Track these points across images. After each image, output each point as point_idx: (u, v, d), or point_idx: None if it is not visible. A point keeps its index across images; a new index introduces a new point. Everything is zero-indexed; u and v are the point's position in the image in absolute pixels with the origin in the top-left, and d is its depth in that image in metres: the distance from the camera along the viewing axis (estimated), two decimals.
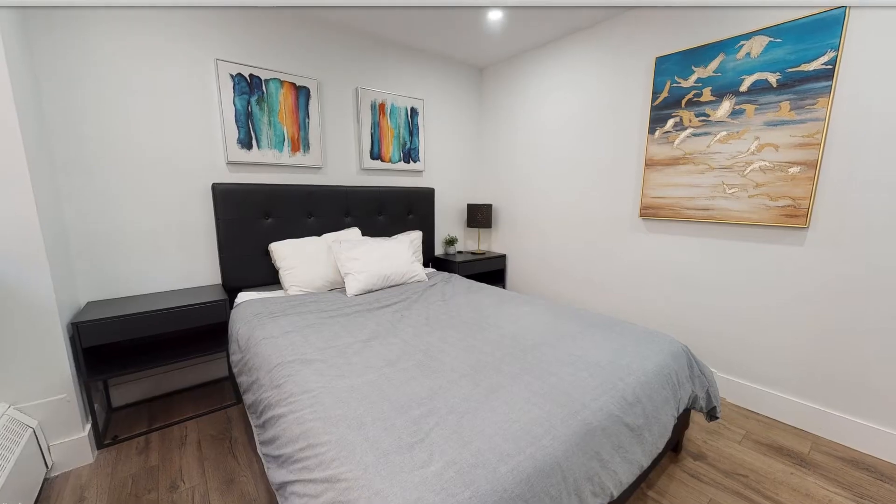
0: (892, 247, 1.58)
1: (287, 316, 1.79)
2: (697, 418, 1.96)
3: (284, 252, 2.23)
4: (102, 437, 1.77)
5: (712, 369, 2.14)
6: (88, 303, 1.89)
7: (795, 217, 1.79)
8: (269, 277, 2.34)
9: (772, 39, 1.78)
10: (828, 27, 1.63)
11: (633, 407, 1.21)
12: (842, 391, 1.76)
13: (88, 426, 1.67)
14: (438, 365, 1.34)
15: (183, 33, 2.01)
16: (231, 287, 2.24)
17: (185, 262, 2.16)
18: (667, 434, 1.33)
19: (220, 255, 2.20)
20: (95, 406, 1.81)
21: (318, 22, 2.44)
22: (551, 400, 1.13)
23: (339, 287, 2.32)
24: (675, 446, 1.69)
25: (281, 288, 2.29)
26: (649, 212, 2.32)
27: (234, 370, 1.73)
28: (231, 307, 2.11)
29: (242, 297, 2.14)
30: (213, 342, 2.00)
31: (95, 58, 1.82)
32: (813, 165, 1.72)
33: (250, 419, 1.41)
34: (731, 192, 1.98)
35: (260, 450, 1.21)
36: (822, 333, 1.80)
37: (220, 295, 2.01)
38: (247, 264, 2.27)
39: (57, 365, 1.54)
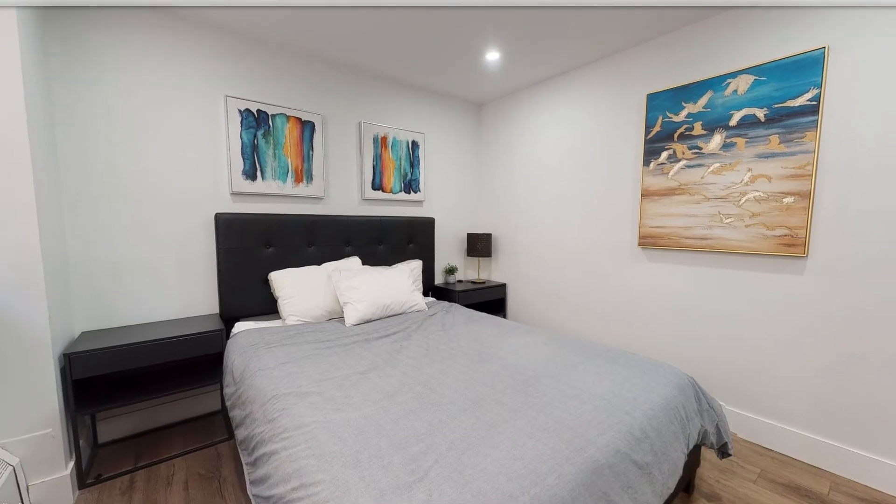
0: (893, 276, 1.58)
1: (284, 346, 1.76)
2: (709, 455, 1.88)
3: (284, 281, 2.22)
4: (85, 476, 1.68)
5: (720, 402, 2.08)
6: (83, 333, 1.86)
7: (793, 246, 1.80)
8: (267, 307, 2.32)
9: (756, 78, 1.87)
10: (809, 66, 1.72)
11: (640, 443, 1.16)
12: (857, 427, 1.70)
13: (71, 464, 1.59)
14: (438, 398, 1.30)
15: (195, 72, 2.11)
16: (229, 317, 2.22)
17: (184, 292, 2.15)
18: (677, 472, 1.27)
19: (220, 284, 2.19)
20: (81, 442, 1.74)
21: (324, 60, 2.57)
22: (555, 435, 1.08)
23: (337, 317, 2.30)
24: (686, 486, 1.61)
25: (279, 317, 2.27)
26: (648, 241, 2.34)
27: (228, 403, 1.68)
28: (228, 337, 2.07)
29: (239, 326, 2.11)
30: (208, 374, 1.95)
31: (111, 96, 1.90)
32: (806, 196, 1.75)
33: (241, 456, 1.35)
34: (727, 221, 2.01)
35: (250, 490, 1.15)
36: (829, 365, 1.76)
37: (216, 325, 1.98)
38: (246, 293, 2.25)
39: (45, 398, 1.49)
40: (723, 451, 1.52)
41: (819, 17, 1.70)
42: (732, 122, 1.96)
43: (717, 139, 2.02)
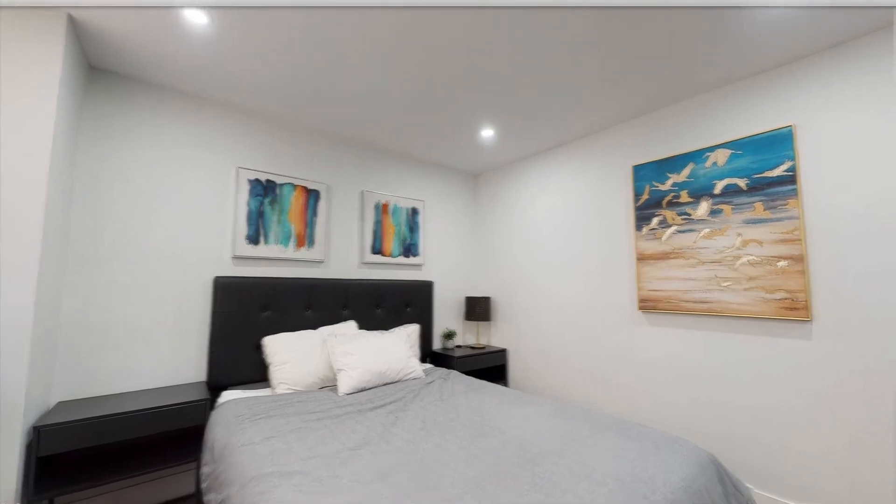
0: None
1: (271, 418, 1.65)
2: None
3: (277, 346, 2.15)
4: None
5: (747, 484, 1.89)
6: (59, 403, 1.74)
7: (795, 310, 1.78)
8: (258, 374, 2.22)
9: (733, 151, 2.01)
10: (780, 141, 1.86)
11: None
12: None
13: None
14: (436, 479, 1.18)
15: (211, 146, 2.27)
16: (216, 385, 2.10)
17: (174, 358, 2.07)
18: None
19: (211, 349, 2.12)
20: None
21: (330, 135, 2.78)
22: None
23: (330, 385, 2.18)
24: None
25: (269, 385, 2.15)
26: (648, 304, 2.32)
27: (203, 486, 1.52)
28: (213, 407, 1.94)
29: (226, 396, 1.99)
30: (187, 450, 1.79)
31: (130, 166, 2.02)
32: (800, 259, 1.78)
33: None
34: (725, 284, 2.01)
35: None
36: (857, 437, 1.63)
37: (202, 394, 1.87)
38: (237, 360, 2.17)
39: (2, 478, 1.35)
40: None
41: (784, 99, 1.88)
42: (716, 191, 2.06)
43: (703, 206, 2.11)
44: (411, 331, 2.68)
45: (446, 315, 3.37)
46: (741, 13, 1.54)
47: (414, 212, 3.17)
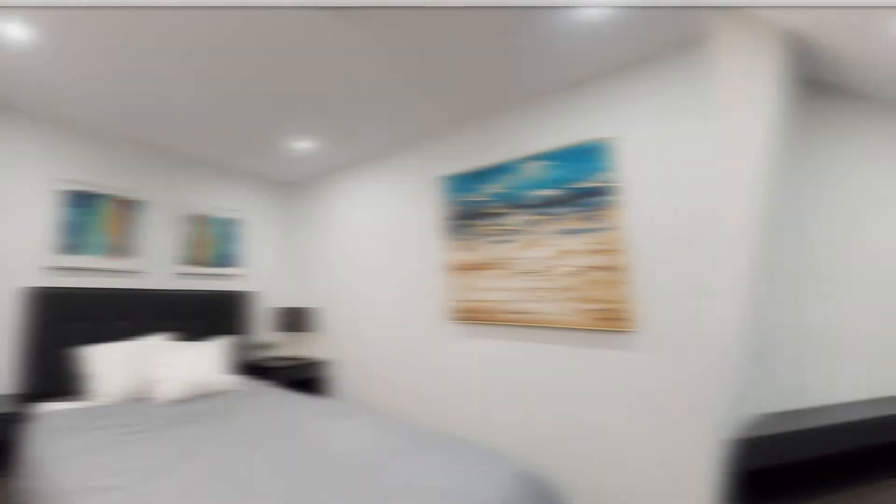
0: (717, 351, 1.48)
1: (88, 431, 1.63)
2: None
3: (92, 358, 2.12)
4: None
5: (569, 499, 1.94)
6: None
7: (613, 320, 1.76)
8: (74, 386, 2.14)
9: (549, 163, 2.00)
10: (596, 153, 1.84)
11: None
12: None
13: None
14: (248, 493, 1.19)
15: (24, 157, 2.20)
16: (30, 397, 2.01)
17: None
18: None
19: (21, 361, 2.02)
20: None
21: (148, 146, 2.73)
22: None
23: (147, 396, 2.13)
24: None
25: (87, 397, 2.09)
26: (464, 315, 2.32)
27: (19, 501, 1.45)
28: (28, 421, 1.84)
29: (42, 409, 1.91)
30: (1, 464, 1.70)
31: None
32: (618, 270, 1.76)
33: None
34: (541, 294, 2.00)
35: None
36: (678, 450, 1.59)
37: (13, 407, 1.81)
38: (51, 372, 2.09)
39: None
40: None
41: (601, 111, 1.90)
42: (531, 202, 2.06)
43: (518, 217, 2.11)
44: (229, 342, 2.65)
45: (268, 326, 3.30)
46: (552, 27, 1.54)
47: (232, 222, 3.14)
